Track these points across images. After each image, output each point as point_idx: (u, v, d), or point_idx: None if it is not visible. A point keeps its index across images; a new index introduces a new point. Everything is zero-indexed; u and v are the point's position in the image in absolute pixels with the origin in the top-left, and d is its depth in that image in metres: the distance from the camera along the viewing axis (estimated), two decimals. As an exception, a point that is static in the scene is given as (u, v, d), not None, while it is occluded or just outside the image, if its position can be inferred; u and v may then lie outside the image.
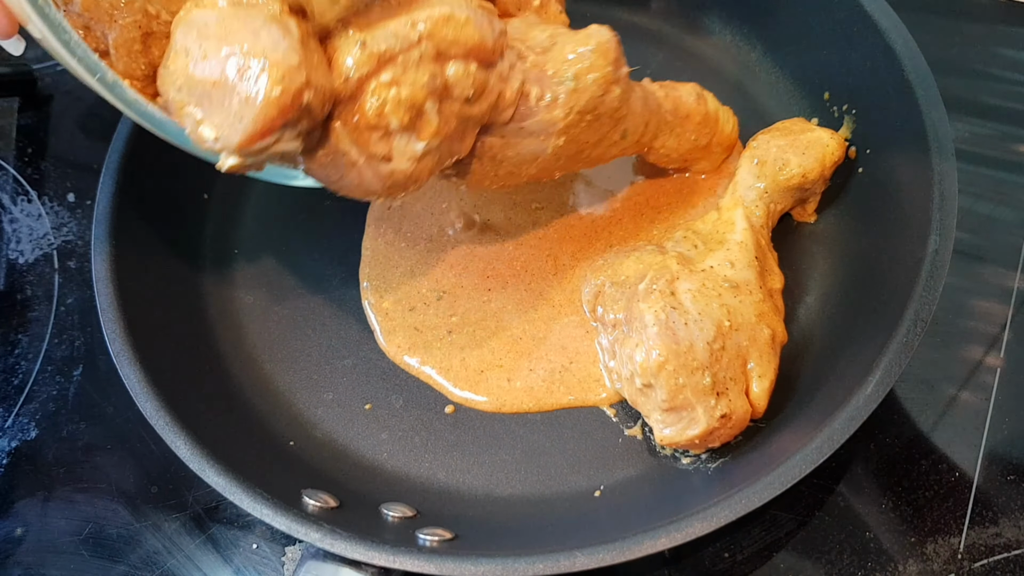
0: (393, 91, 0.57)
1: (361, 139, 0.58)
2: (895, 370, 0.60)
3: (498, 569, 0.56)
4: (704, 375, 0.64)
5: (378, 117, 0.57)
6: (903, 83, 0.70)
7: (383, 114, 0.57)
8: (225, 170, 0.56)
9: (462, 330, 0.78)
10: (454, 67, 0.60)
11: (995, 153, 0.87)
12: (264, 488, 0.61)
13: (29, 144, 0.95)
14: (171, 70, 0.56)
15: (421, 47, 0.58)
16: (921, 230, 0.65)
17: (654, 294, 0.66)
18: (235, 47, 0.53)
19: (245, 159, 0.55)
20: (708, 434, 0.64)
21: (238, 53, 0.52)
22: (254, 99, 0.52)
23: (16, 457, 0.78)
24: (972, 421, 0.73)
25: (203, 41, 0.54)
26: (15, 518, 0.75)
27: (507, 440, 0.73)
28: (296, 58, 0.53)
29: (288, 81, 0.52)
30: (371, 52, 0.56)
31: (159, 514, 0.74)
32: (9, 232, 0.89)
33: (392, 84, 0.57)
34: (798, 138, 0.76)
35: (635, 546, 0.56)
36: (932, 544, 0.69)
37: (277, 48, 0.53)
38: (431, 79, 0.59)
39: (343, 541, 0.58)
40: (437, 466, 0.72)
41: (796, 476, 0.57)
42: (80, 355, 0.82)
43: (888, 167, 0.73)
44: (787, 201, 0.77)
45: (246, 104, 0.52)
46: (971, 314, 0.78)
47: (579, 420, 0.73)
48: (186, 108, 0.55)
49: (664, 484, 0.68)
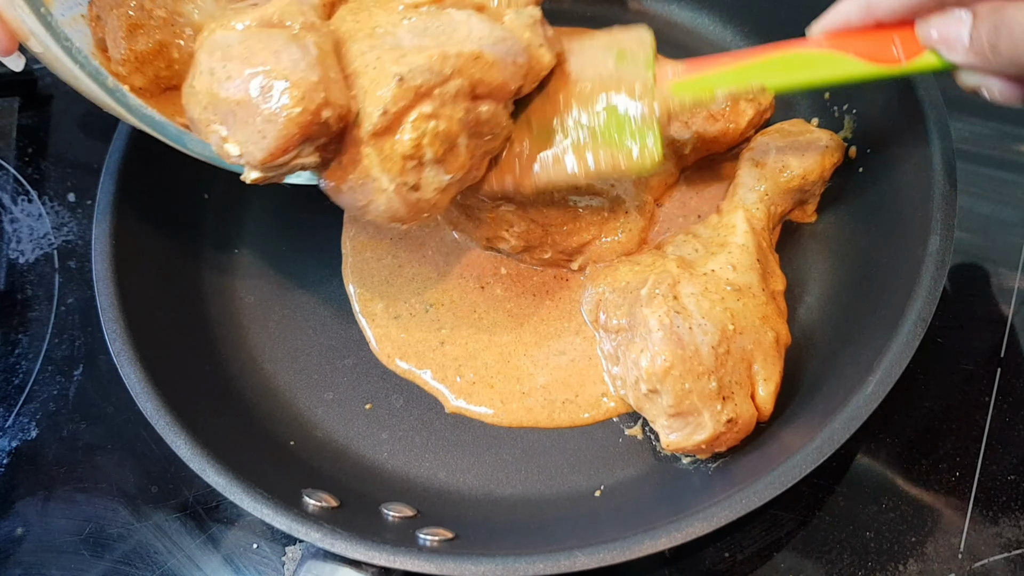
0: (432, 124, 0.59)
1: (394, 168, 0.60)
2: (895, 370, 0.60)
3: (498, 569, 0.56)
4: (710, 380, 0.63)
5: (415, 148, 0.59)
6: (904, 83, 0.70)
7: (420, 145, 0.59)
8: (249, 182, 0.58)
9: (454, 342, 0.77)
10: (486, 105, 0.62)
11: (996, 153, 0.87)
12: (264, 488, 0.61)
13: (29, 144, 0.95)
14: (196, 89, 0.58)
15: (456, 83, 0.60)
16: (922, 230, 0.65)
17: (657, 299, 0.66)
18: (257, 68, 0.55)
19: (267, 172, 0.58)
20: (714, 439, 0.64)
21: (260, 73, 0.55)
22: (276, 117, 0.55)
23: (16, 457, 0.78)
24: (973, 421, 0.73)
25: (227, 62, 0.56)
26: (15, 518, 0.75)
27: (507, 440, 0.73)
28: (315, 77, 0.55)
29: (308, 100, 0.55)
30: (409, 86, 0.58)
31: (159, 514, 0.74)
32: (9, 232, 0.89)
33: (432, 117, 0.59)
34: (797, 140, 0.76)
35: (635, 546, 0.56)
36: (932, 544, 0.69)
37: (297, 68, 0.55)
38: (466, 114, 0.61)
39: (343, 541, 0.58)
40: (437, 466, 0.72)
41: (796, 476, 0.57)
42: (80, 355, 0.82)
43: (888, 167, 0.73)
44: (787, 203, 0.77)
45: (268, 122, 0.55)
46: (972, 314, 0.78)
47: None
48: (212, 126, 0.57)
49: (664, 484, 0.68)
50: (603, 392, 0.74)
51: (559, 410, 0.73)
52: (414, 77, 0.58)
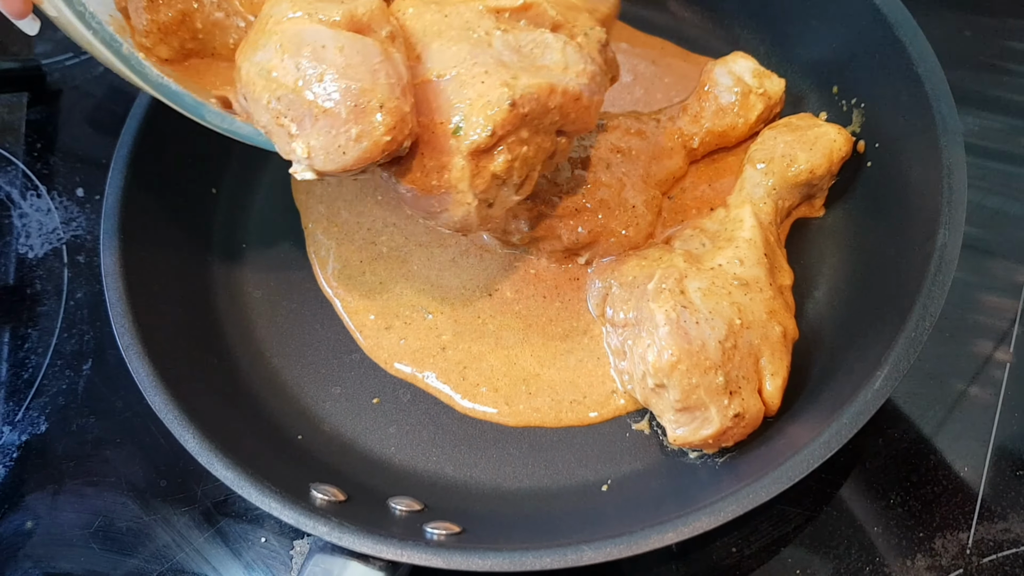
0: (524, 149, 0.61)
1: (482, 185, 0.60)
2: (903, 365, 0.60)
3: (505, 563, 0.56)
4: (717, 374, 0.63)
5: (506, 170, 0.60)
6: (912, 76, 0.70)
7: (511, 168, 0.61)
8: (299, 179, 0.58)
9: (456, 346, 0.77)
10: (564, 139, 0.65)
11: (1005, 147, 0.86)
12: (272, 482, 0.62)
13: (38, 139, 0.95)
14: (276, 78, 0.56)
15: (552, 117, 0.61)
16: (930, 224, 0.65)
17: (664, 293, 0.66)
18: (353, 84, 0.55)
19: (323, 177, 0.58)
20: (721, 434, 0.64)
21: (357, 92, 0.54)
22: (363, 139, 0.55)
23: (26, 451, 0.78)
24: (981, 416, 0.73)
25: (319, 65, 0.55)
26: (25, 511, 0.75)
27: (514, 434, 0.73)
28: (407, 107, 0.56)
29: (398, 131, 0.56)
30: (518, 113, 0.58)
31: (168, 508, 0.74)
32: (19, 227, 0.90)
33: (525, 143, 0.60)
34: (805, 134, 0.76)
35: (642, 540, 0.56)
36: (940, 539, 0.68)
37: (392, 94, 0.55)
38: (551, 145, 0.63)
39: (351, 535, 0.58)
40: (445, 460, 0.72)
41: (804, 471, 0.57)
42: (89, 349, 0.83)
43: (897, 161, 0.73)
44: (795, 197, 0.77)
45: (354, 141, 0.55)
46: (980, 309, 0.78)
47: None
48: (281, 119, 0.57)
49: (671, 478, 0.68)
50: (612, 389, 0.74)
51: (567, 410, 0.73)
52: (524, 104, 0.58)
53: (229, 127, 0.63)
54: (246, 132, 0.64)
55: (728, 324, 0.64)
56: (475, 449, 0.73)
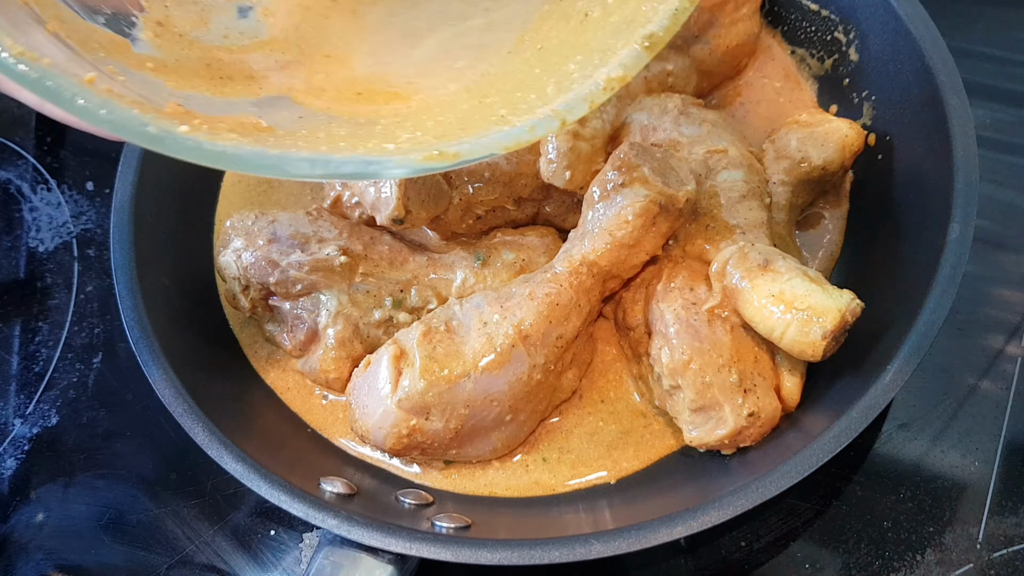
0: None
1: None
2: (914, 359, 0.59)
3: (514, 556, 0.56)
4: (731, 372, 0.63)
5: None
6: (924, 69, 0.70)
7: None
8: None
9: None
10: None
11: (1017, 140, 0.86)
12: (282, 475, 0.62)
13: (48, 133, 0.95)
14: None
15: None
16: (942, 217, 0.64)
17: (672, 292, 0.66)
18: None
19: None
20: (736, 434, 0.63)
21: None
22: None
23: (37, 443, 0.79)
24: (992, 410, 0.73)
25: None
26: (37, 504, 0.76)
27: (523, 428, 0.73)
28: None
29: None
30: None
31: (178, 500, 0.75)
32: (29, 221, 0.90)
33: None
34: (816, 130, 0.75)
35: (651, 534, 0.56)
36: (951, 534, 0.68)
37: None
38: None
39: (360, 528, 0.58)
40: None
41: (814, 465, 0.57)
42: (99, 343, 0.83)
43: (908, 154, 0.72)
44: (809, 193, 0.76)
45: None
46: (992, 303, 0.77)
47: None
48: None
49: (681, 472, 0.68)
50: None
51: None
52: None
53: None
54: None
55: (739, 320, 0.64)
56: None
